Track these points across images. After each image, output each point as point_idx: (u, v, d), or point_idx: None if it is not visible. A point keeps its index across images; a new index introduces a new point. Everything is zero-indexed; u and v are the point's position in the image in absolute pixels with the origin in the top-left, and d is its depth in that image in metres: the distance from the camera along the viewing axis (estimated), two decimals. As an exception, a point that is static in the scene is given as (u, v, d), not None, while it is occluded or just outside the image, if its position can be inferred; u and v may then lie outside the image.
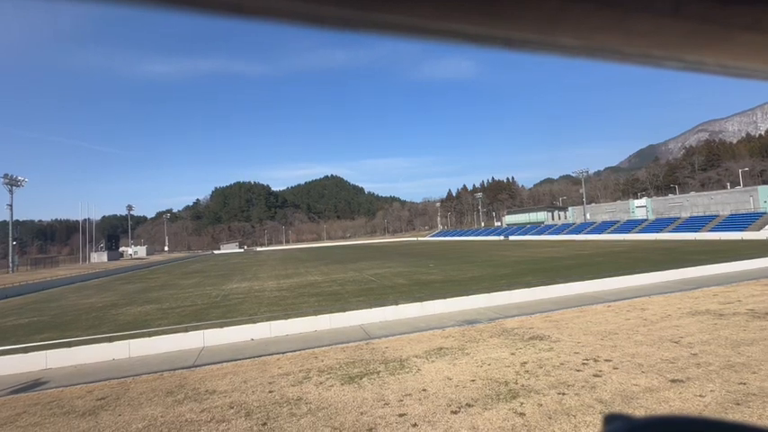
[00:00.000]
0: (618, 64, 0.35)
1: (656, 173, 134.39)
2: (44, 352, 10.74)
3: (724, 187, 74.76)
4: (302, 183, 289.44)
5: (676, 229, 56.11)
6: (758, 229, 45.93)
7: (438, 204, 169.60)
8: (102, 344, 11.32)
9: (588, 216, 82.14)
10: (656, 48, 0.32)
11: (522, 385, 6.52)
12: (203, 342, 11.68)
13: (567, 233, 73.67)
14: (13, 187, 55.41)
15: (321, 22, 0.26)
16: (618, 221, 70.75)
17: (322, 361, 8.73)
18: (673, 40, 0.31)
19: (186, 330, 12.15)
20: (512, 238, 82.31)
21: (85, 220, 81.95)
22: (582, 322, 10.49)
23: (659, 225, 60.91)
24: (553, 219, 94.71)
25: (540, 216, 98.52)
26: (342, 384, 7.21)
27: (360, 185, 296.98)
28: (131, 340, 11.41)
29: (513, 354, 8.24)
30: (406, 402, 6.19)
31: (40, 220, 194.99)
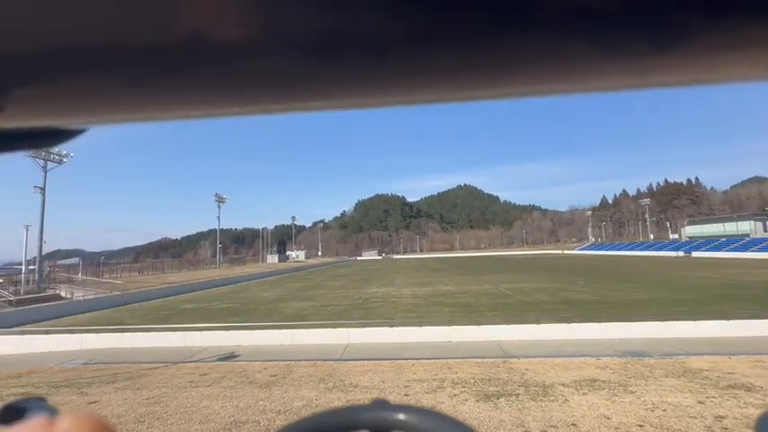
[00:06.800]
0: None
1: None
2: (237, 332, 13.77)
3: None
4: (435, 193, 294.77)
5: None
6: None
7: (589, 213, 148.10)
8: (273, 330, 13.83)
9: (830, 227, 58.56)
10: None
11: (718, 446, 5.02)
12: (348, 339, 12.99)
13: (791, 250, 53.93)
14: (220, 204, 73.91)
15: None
16: None
17: (455, 373, 8.59)
18: None
19: (335, 327, 13.76)
20: (695, 254, 65.10)
21: (263, 228, 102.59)
22: (823, 376, 7.46)
23: None
24: (765, 230, 71.05)
25: (743, 227, 75.18)
26: (477, 400, 6.93)
27: (494, 194, 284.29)
28: (294, 330, 13.59)
29: (701, 402, 6.44)
30: (550, 434, 5.52)
31: (234, 228, 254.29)
